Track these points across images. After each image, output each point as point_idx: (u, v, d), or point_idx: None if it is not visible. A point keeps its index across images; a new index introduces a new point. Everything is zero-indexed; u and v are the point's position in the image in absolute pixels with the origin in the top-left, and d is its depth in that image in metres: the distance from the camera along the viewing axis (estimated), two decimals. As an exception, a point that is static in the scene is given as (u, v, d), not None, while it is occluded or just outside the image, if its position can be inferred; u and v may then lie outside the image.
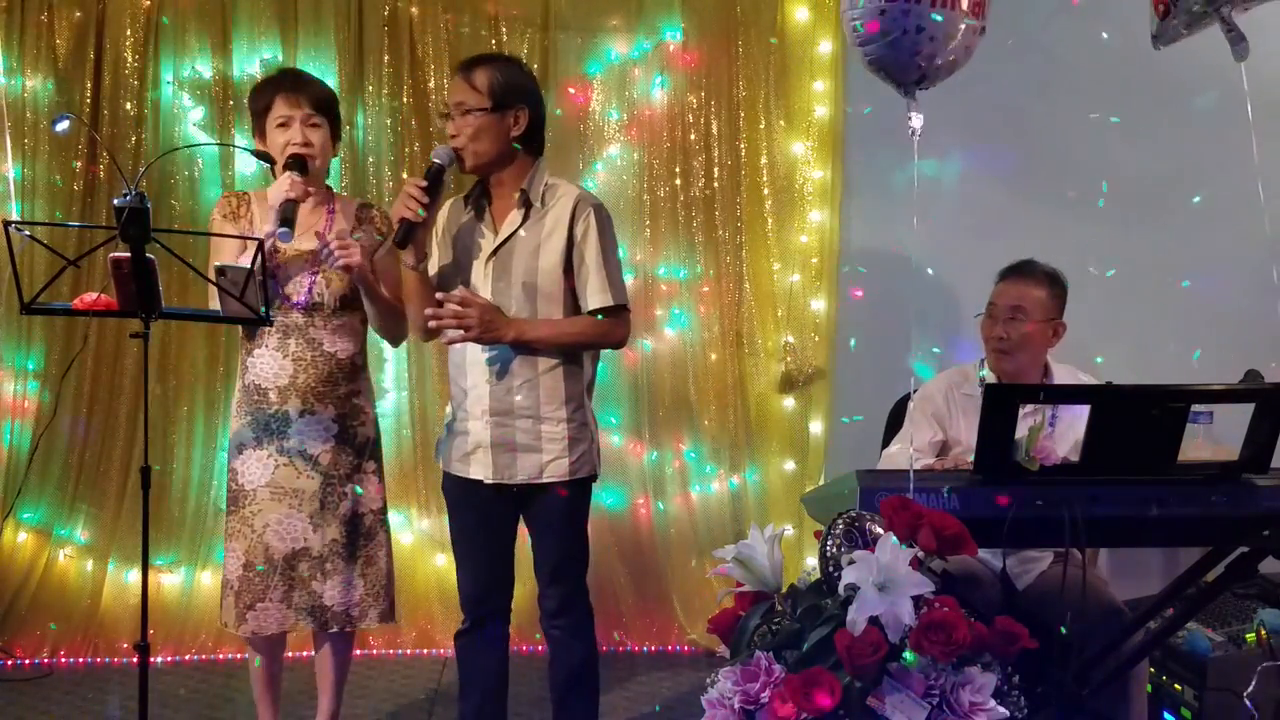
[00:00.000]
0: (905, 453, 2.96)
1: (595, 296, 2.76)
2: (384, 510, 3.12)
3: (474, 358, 2.79)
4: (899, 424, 3.27)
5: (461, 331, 2.67)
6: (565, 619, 2.87)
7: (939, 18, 2.32)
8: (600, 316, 2.77)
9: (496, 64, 2.78)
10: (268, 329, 2.94)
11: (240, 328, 3.03)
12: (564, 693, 2.91)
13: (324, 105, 3.00)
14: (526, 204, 2.77)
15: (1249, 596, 3.42)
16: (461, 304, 2.67)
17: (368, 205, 3.16)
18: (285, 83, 3.01)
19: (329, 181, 3.17)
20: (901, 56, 2.39)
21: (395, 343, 3.21)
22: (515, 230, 2.76)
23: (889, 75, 2.47)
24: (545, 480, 2.79)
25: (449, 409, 2.93)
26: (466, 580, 2.93)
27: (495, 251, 2.77)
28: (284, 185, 2.84)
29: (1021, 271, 3.12)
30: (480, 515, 2.86)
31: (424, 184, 2.67)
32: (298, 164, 2.88)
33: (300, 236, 2.94)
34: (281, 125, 2.94)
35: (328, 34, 4.12)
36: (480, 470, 2.81)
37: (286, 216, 2.80)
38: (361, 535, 3.04)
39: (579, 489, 2.85)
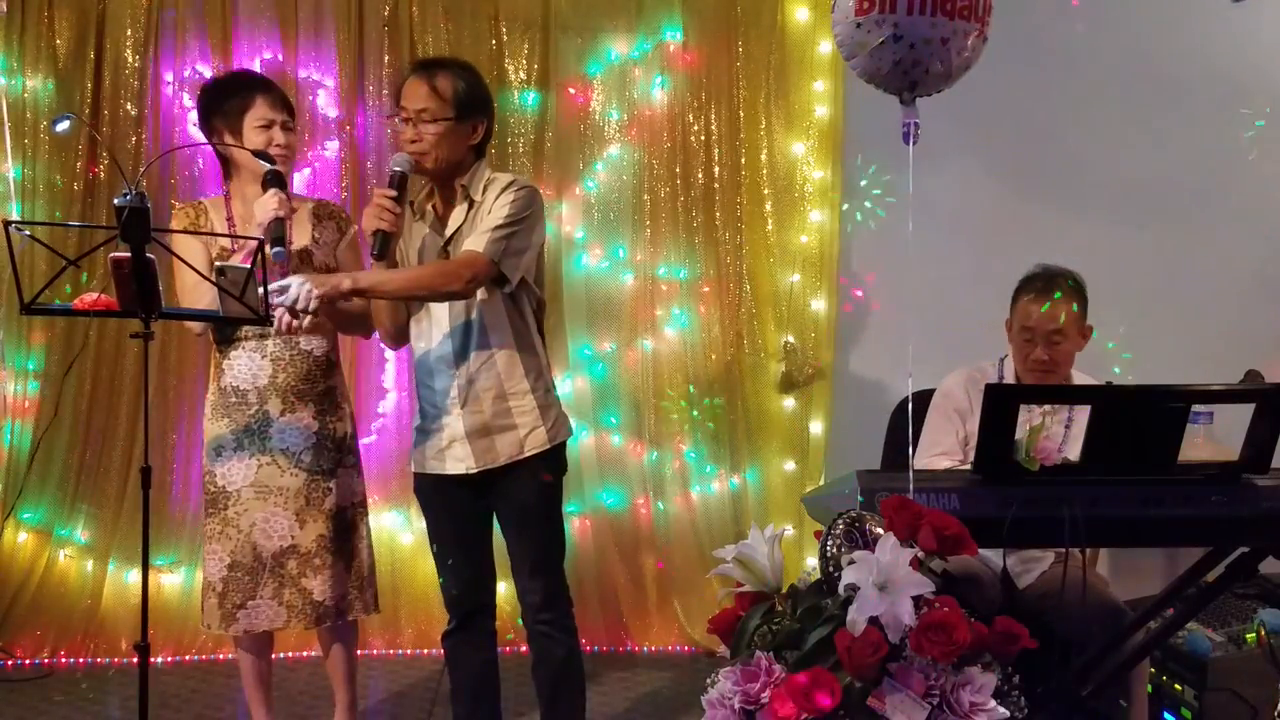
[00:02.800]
0: (932, 455, 2.95)
1: (470, 242, 2.71)
2: (364, 503, 3.14)
3: (438, 355, 2.81)
4: (899, 427, 3.25)
5: (310, 310, 2.53)
6: (551, 612, 2.85)
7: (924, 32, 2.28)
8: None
9: (457, 71, 2.77)
10: (242, 330, 2.94)
11: (211, 332, 3.02)
12: (554, 689, 2.90)
13: (293, 110, 3.05)
14: (468, 199, 2.79)
15: (1249, 596, 3.42)
16: (278, 291, 2.53)
17: (325, 203, 3.17)
18: (260, 84, 3.02)
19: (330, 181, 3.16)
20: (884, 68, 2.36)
21: (366, 337, 3.21)
22: (460, 225, 2.78)
23: (879, 85, 2.46)
24: (527, 454, 2.79)
25: (416, 413, 2.94)
26: (449, 579, 2.92)
27: (444, 249, 2.79)
28: (271, 204, 2.79)
29: (1050, 289, 2.95)
30: (456, 512, 2.87)
31: (393, 194, 2.66)
32: (277, 180, 2.85)
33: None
34: (264, 127, 2.93)
35: (328, 34, 4.13)
36: (458, 464, 2.81)
37: (278, 235, 2.76)
38: (345, 528, 3.05)
39: (555, 461, 2.85)
